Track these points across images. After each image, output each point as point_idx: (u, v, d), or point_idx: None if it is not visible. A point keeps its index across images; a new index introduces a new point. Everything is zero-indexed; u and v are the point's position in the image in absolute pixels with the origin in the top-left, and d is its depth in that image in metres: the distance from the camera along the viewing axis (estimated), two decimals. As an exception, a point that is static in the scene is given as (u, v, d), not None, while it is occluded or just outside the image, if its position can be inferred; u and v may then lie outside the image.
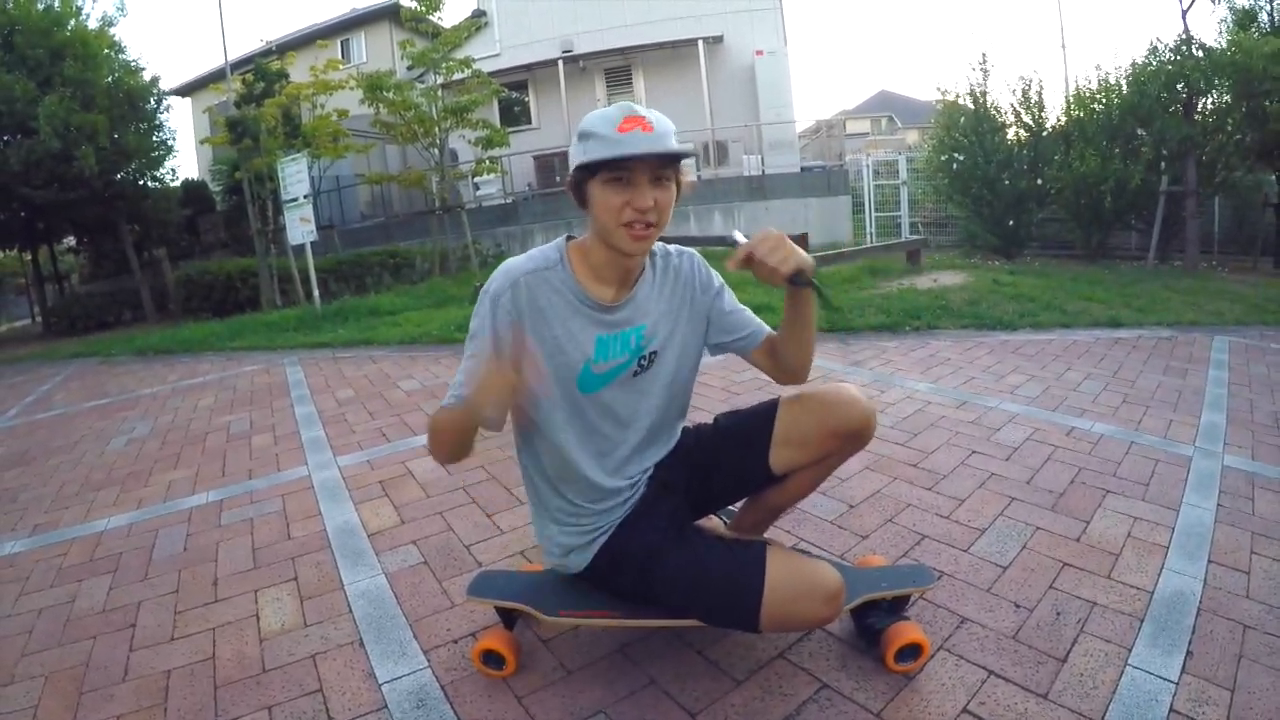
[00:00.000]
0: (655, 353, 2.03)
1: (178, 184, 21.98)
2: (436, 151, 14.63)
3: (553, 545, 2.12)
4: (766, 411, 2.18)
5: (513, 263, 1.92)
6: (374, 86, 13.85)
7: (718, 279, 2.18)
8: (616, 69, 20.66)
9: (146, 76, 18.72)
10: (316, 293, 11.88)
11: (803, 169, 18.83)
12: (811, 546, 2.81)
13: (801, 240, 9.25)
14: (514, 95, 20.68)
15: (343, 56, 22.99)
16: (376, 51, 23.27)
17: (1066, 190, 12.72)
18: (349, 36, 25.01)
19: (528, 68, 20.42)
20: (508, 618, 2.27)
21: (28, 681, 2.62)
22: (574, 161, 1.80)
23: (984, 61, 14.13)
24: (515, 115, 21.36)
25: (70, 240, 23.85)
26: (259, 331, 10.60)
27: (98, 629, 2.91)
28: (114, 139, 16.63)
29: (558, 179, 18.87)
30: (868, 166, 17.28)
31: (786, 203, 16.85)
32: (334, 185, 19.62)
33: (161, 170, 19.73)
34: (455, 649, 2.42)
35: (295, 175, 11.54)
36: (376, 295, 12.80)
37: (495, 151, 14.90)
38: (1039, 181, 13.62)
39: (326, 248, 16.29)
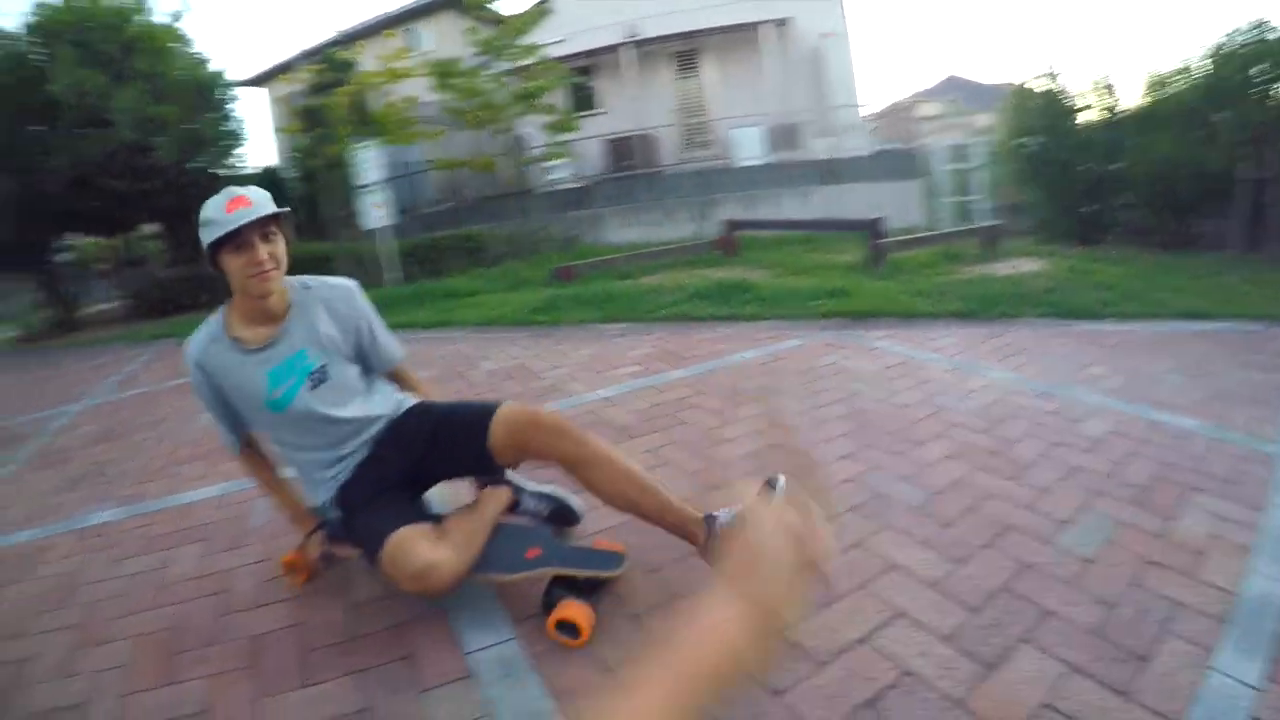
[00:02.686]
0: (325, 365, 2.62)
1: (250, 172, 22.38)
2: (507, 137, 14.68)
3: (315, 500, 2.79)
4: (486, 414, 2.68)
5: (191, 346, 2.61)
6: (443, 74, 14.00)
7: (373, 316, 2.86)
8: (683, 52, 20.57)
9: (212, 68, 19.19)
10: (394, 275, 12.14)
11: (874, 152, 18.57)
12: (895, 534, 2.80)
13: (876, 225, 9.13)
14: (581, 80, 20.67)
15: (411, 44, 23.15)
16: (444, 39, 23.34)
17: (1141, 176, 12.41)
18: (415, 25, 25.13)
19: (593, 53, 20.43)
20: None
21: (121, 642, 2.81)
22: (204, 244, 2.40)
23: (1055, 44, 13.85)
24: (584, 100, 21.33)
25: (150, 227, 24.53)
26: (337, 315, 10.71)
27: (189, 594, 3.09)
28: (186, 129, 17.09)
29: (626, 163, 18.87)
30: (940, 150, 17.05)
31: (859, 187, 16.61)
32: (405, 171, 19.79)
33: (230, 159, 20.19)
34: (543, 621, 2.48)
35: (368, 162, 11.81)
36: (451, 278, 12.93)
37: (564, 136, 14.92)
38: (1114, 167, 13.29)
39: (401, 232, 16.47)
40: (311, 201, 18.90)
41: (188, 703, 2.41)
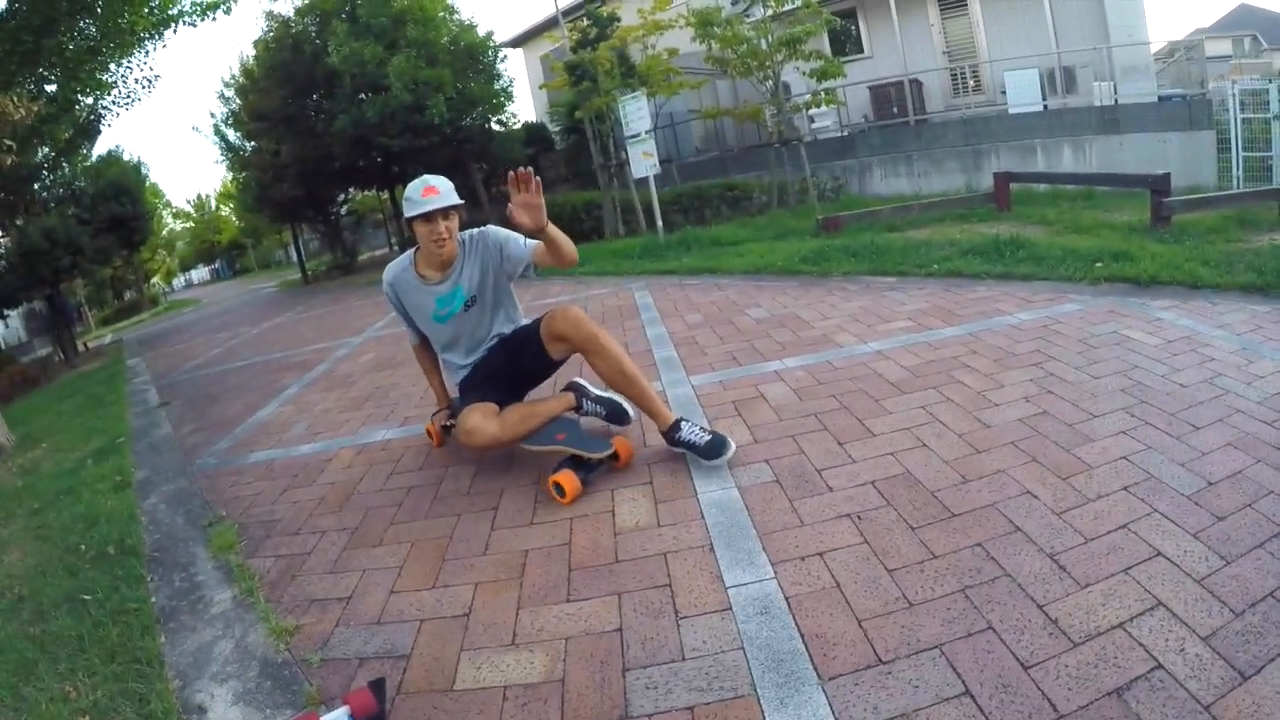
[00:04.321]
0: (475, 297, 3.68)
1: (519, 126, 23.54)
2: (770, 84, 14.55)
3: (455, 384, 3.92)
4: (537, 324, 3.68)
5: (388, 272, 3.84)
6: (705, 23, 13.97)
7: (502, 234, 3.65)
8: (951, -10, 19.49)
9: (481, 32, 20.57)
10: (660, 222, 12.32)
11: (1160, 98, 16.91)
12: (1165, 521, 2.54)
13: (1161, 183, 8.35)
14: (844, 24, 19.99)
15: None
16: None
17: None
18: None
19: (857, -6, 19.70)
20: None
21: (395, 545, 3.08)
22: (405, 215, 3.50)
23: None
24: (846, 44, 20.68)
25: None
26: (605, 258, 11.15)
27: (462, 508, 3.32)
28: (459, 89, 18.49)
29: (894, 110, 18.24)
30: (1233, 96, 15.05)
31: (1142, 138, 14.93)
32: (668, 121, 19.98)
33: (503, 114, 21.39)
34: (802, 565, 2.49)
35: (636, 112, 11.95)
36: (716, 226, 13.09)
37: (829, 83, 14.57)
38: None
39: (665, 181, 16.71)
40: (576, 153, 19.57)
41: (453, 605, 2.56)
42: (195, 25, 13.13)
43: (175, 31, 12.99)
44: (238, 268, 62.10)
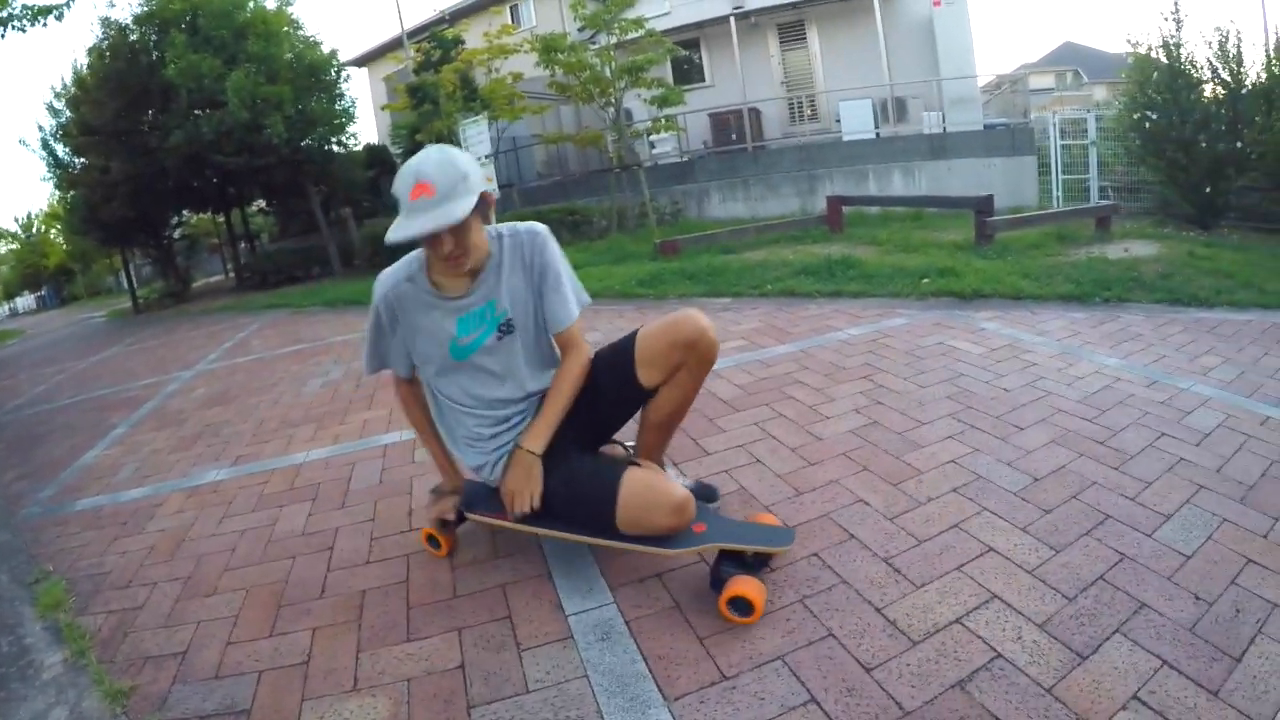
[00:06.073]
0: (511, 319, 2.56)
1: (360, 148, 23.12)
2: (612, 111, 14.75)
3: (467, 464, 2.75)
4: (629, 339, 2.65)
5: (384, 277, 2.62)
6: (549, 49, 14.07)
7: (554, 265, 2.59)
8: (789, 24, 20.14)
9: (325, 50, 20.04)
10: None
11: (986, 127, 17.95)
12: (995, 518, 2.76)
13: (984, 204, 8.93)
14: (686, 53, 20.47)
15: (513, 21, 23.30)
16: (546, 15, 23.33)
17: (1268, 155, 11.69)
18: (518, 1, 25.34)
19: (699, 25, 20.18)
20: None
21: (230, 594, 2.97)
22: (390, 235, 2.31)
23: (1176, 10, 12.97)
24: (688, 73, 21.15)
25: (260, 203, 25.99)
26: (440, 283, 10.98)
27: (297, 550, 3.25)
28: (299, 108, 17.96)
29: (733, 137, 18.81)
30: (1054, 125, 16.12)
31: (969, 163, 15.95)
32: (511, 146, 20.01)
33: (344, 135, 20.91)
34: (641, 587, 2.56)
35: (476, 136, 11.97)
36: (557, 250, 13.10)
37: (670, 110, 14.87)
38: (1238, 145, 12.37)
39: (505, 205, 16.72)
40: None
41: (291, 653, 2.51)
42: (24, 31, 12.50)
43: (3, 37, 12.38)
44: (65, 295, 58.48)
